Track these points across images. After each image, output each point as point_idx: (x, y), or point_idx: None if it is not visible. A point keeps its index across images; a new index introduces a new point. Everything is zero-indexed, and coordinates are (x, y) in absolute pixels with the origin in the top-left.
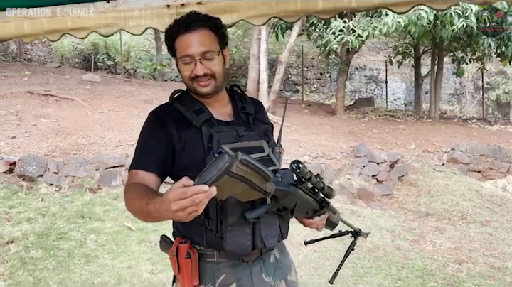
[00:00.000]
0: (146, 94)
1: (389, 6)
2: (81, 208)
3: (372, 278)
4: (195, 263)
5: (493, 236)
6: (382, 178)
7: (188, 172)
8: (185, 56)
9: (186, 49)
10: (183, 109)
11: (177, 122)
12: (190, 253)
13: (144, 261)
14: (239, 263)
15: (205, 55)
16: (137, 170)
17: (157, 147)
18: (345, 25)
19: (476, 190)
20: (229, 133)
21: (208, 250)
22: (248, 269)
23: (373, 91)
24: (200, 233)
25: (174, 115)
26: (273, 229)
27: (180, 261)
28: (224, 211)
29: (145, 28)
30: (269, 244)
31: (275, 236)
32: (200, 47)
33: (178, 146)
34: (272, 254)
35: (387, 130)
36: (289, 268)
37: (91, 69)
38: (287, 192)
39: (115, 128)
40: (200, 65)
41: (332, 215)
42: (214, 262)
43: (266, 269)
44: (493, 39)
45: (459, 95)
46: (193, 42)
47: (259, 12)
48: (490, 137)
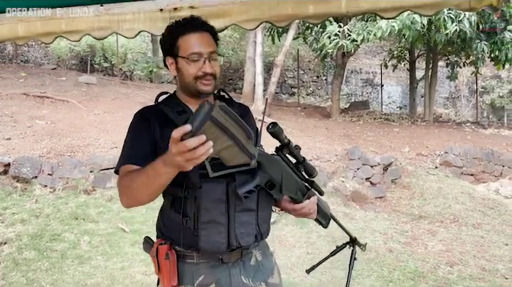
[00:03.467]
0: (142, 96)
1: (377, 11)
2: (75, 209)
3: (364, 280)
4: (174, 264)
5: (484, 239)
6: (375, 181)
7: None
8: (194, 53)
9: (195, 47)
10: (167, 111)
11: (160, 121)
12: (169, 254)
13: (138, 263)
14: (218, 264)
15: (211, 54)
16: (127, 165)
17: (144, 142)
18: (340, 30)
19: (469, 193)
20: None
21: (187, 251)
22: (227, 270)
23: (369, 94)
24: (179, 232)
25: (158, 115)
26: (249, 228)
27: (160, 262)
28: (198, 209)
29: (138, 31)
30: (244, 242)
31: (251, 235)
32: (208, 46)
33: (161, 144)
34: (253, 256)
35: (381, 133)
36: (271, 270)
37: (87, 71)
38: (272, 160)
39: (110, 130)
40: (209, 63)
41: (322, 201)
42: (193, 263)
43: (245, 271)
44: (486, 43)
45: (454, 99)
46: (203, 41)
47: (251, 16)
48: (483, 141)
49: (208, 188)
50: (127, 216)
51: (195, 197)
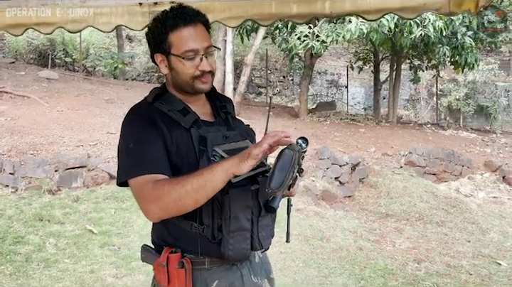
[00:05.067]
0: (107, 93)
1: (360, 13)
2: (39, 211)
3: (336, 278)
4: (190, 273)
5: (448, 236)
6: (344, 180)
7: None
8: (189, 51)
9: (190, 43)
10: (165, 109)
11: (166, 122)
12: (184, 263)
13: (108, 265)
14: (229, 266)
15: (208, 50)
16: (151, 175)
17: (156, 146)
18: (310, 31)
19: (432, 191)
20: (216, 135)
21: (198, 258)
22: (238, 272)
23: (334, 95)
24: (192, 241)
25: (160, 115)
26: (268, 230)
27: (170, 272)
28: (224, 217)
29: (115, 25)
30: (266, 245)
31: (270, 236)
32: (204, 42)
33: (171, 148)
34: (256, 254)
35: (348, 133)
36: (270, 266)
37: (48, 66)
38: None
39: (75, 128)
40: (206, 60)
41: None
42: (205, 269)
43: (253, 270)
44: (447, 48)
45: (413, 101)
46: (197, 36)
47: (234, 14)
48: (444, 141)
49: (235, 194)
50: (95, 217)
51: (220, 204)
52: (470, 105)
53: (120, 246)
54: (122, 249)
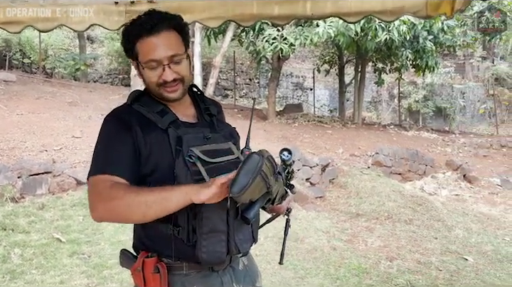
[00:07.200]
0: (69, 95)
1: (341, 15)
2: (2, 219)
3: (312, 279)
4: (165, 277)
5: (416, 234)
6: (315, 181)
7: (154, 178)
8: (151, 61)
9: (152, 53)
10: (144, 111)
11: (141, 124)
12: (158, 268)
13: (78, 275)
14: (209, 273)
15: (173, 58)
16: (110, 176)
17: (126, 150)
18: (278, 34)
19: (399, 191)
20: (196, 136)
21: (176, 262)
22: (219, 279)
23: (299, 97)
24: (168, 244)
25: (136, 117)
26: (246, 234)
27: (146, 277)
28: (197, 218)
29: (89, 24)
30: (243, 249)
31: (248, 240)
32: (168, 51)
33: (144, 151)
34: (241, 261)
35: (316, 135)
36: (257, 274)
37: (5, 68)
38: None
39: (37, 132)
40: (169, 69)
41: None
42: (183, 274)
43: (236, 277)
44: (410, 51)
45: (375, 103)
46: (160, 45)
47: (215, 14)
48: (407, 142)
49: None
50: (62, 225)
51: (192, 205)
52: (429, 107)
53: (90, 255)
54: (93, 257)
